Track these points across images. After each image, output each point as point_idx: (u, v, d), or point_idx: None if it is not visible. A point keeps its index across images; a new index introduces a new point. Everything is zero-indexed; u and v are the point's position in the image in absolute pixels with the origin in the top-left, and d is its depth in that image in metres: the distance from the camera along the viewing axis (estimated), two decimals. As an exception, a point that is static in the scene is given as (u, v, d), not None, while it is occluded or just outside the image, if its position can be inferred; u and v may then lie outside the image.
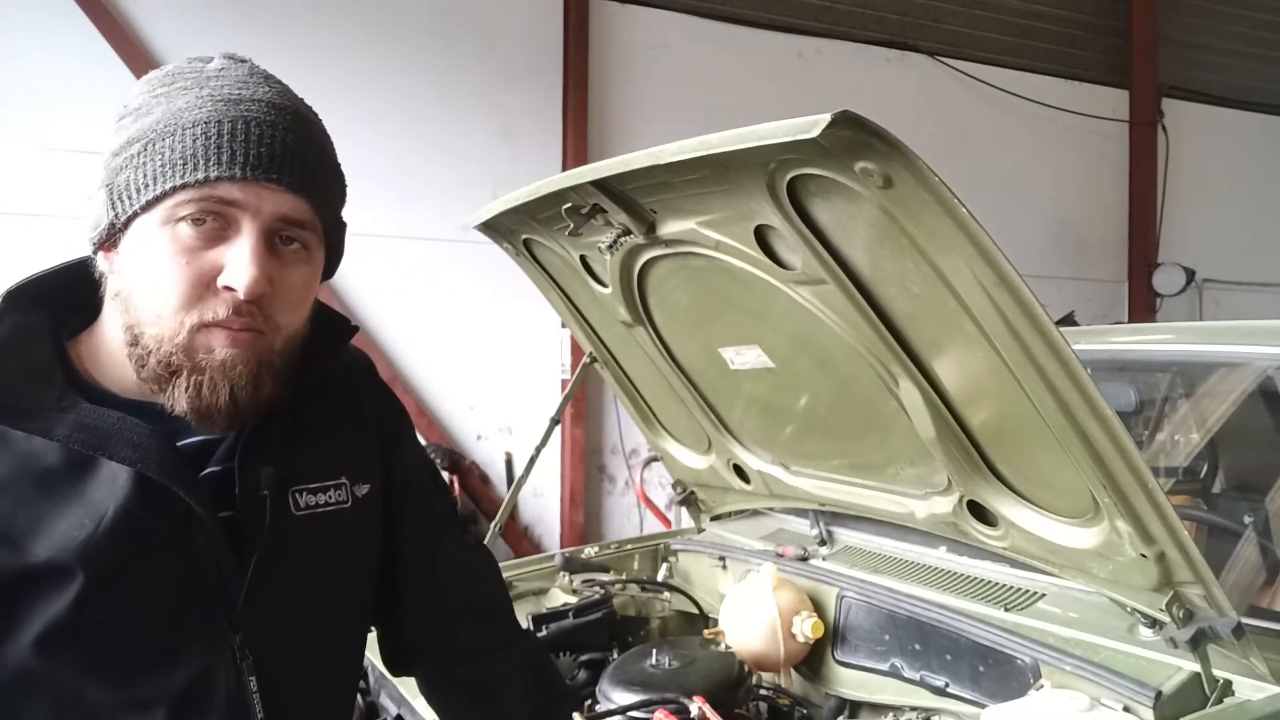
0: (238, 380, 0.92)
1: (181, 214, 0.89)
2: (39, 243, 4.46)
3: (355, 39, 5.45)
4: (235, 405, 0.92)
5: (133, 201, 0.90)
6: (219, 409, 0.92)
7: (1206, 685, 1.42)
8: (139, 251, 0.91)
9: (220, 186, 0.89)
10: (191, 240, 0.90)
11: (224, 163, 0.88)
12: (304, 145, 0.94)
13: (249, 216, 0.91)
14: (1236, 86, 8.33)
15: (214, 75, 0.94)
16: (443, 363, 5.70)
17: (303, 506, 1.03)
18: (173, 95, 0.92)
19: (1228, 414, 2.20)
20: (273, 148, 0.91)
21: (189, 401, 0.91)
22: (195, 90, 0.92)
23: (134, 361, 0.92)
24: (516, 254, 2.06)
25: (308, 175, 0.94)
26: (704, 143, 1.27)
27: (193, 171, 0.88)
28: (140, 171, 0.90)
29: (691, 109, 6.12)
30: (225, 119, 0.90)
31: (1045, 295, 1.77)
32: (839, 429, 1.88)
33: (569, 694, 1.92)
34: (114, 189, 0.92)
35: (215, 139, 0.89)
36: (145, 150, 0.90)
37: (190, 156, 0.88)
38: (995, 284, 1.24)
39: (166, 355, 0.90)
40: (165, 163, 0.89)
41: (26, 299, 0.98)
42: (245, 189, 0.90)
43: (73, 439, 0.89)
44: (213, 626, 0.96)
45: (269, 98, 0.93)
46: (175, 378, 0.91)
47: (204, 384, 0.91)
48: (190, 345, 0.90)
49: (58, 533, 0.88)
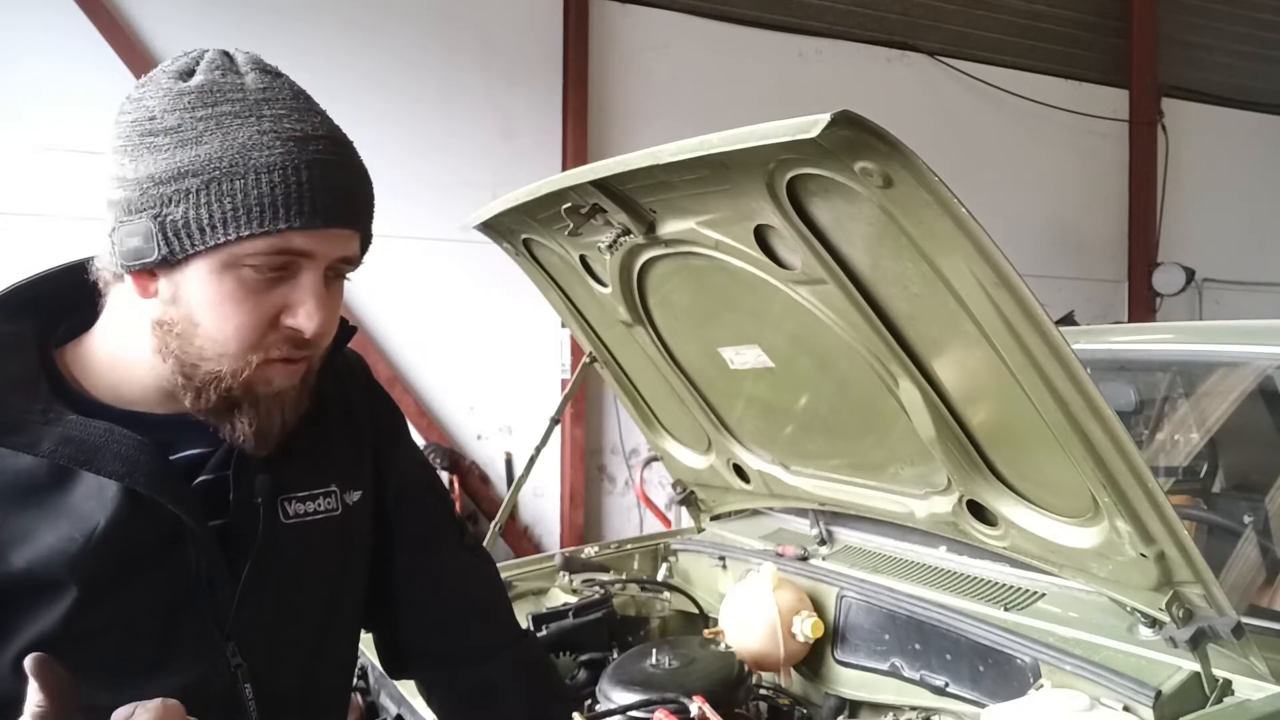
0: (289, 405, 0.97)
1: (250, 262, 0.88)
2: (39, 243, 4.47)
3: (355, 39, 5.45)
4: (285, 426, 0.97)
5: (195, 242, 0.87)
6: (274, 433, 0.96)
7: (1206, 685, 1.42)
8: (198, 291, 0.89)
9: (295, 238, 0.89)
10: (256, 284, 0.90)
11: (304, 213, 0.88)
12: (360, 183, 0.95)
13: (314, 261, 0.92)
14: (1236, 86, 8.34)
15: (262, 99, 0.89)
16: (442, 363, 5.70)
17: (291, 515, 1.03)
18: (224, 123, 0.87)
19: (1228, 414, 2.20)
20: (342, 194, 0.92)
21: (253, 432, 0.95)
22: (253, 122, 0.88)
23: (188, 392, 0.93)
24: (516, 254, 2.06)
25: (364, 214, 0.96)
26: (704, 143, 1.27)
27: (271, 221, 0.87)
28: (205, 211, 0.86)
29: (691, 109, 6.12)
30: (301, 164, 0.88)
31: (1045, 295, 1.77)
32: (839, 429, 1.88)
33: (569, 694, 1.92)
34: (167, 222, 0.87)
35: (295, 187, 0.87)
36: (208, 189, 0.86)
37: (268, 205, 0.86)
38: (995, 284, 1.24)
39: (226, 390, 0.92)
40: (237, 207, 0.86)
41: (10, 307, 0.96)
42: (315, 237, 0.90)
43: (58, 453, 0.88)
44: (205, 635, 0.96)
45: (327, 132, 0.92)
46: (235, 410, 0.94)
47: (261, 414, 0.95)
48: (251, 380, 0.92)
49: (48, 545, 0.87)
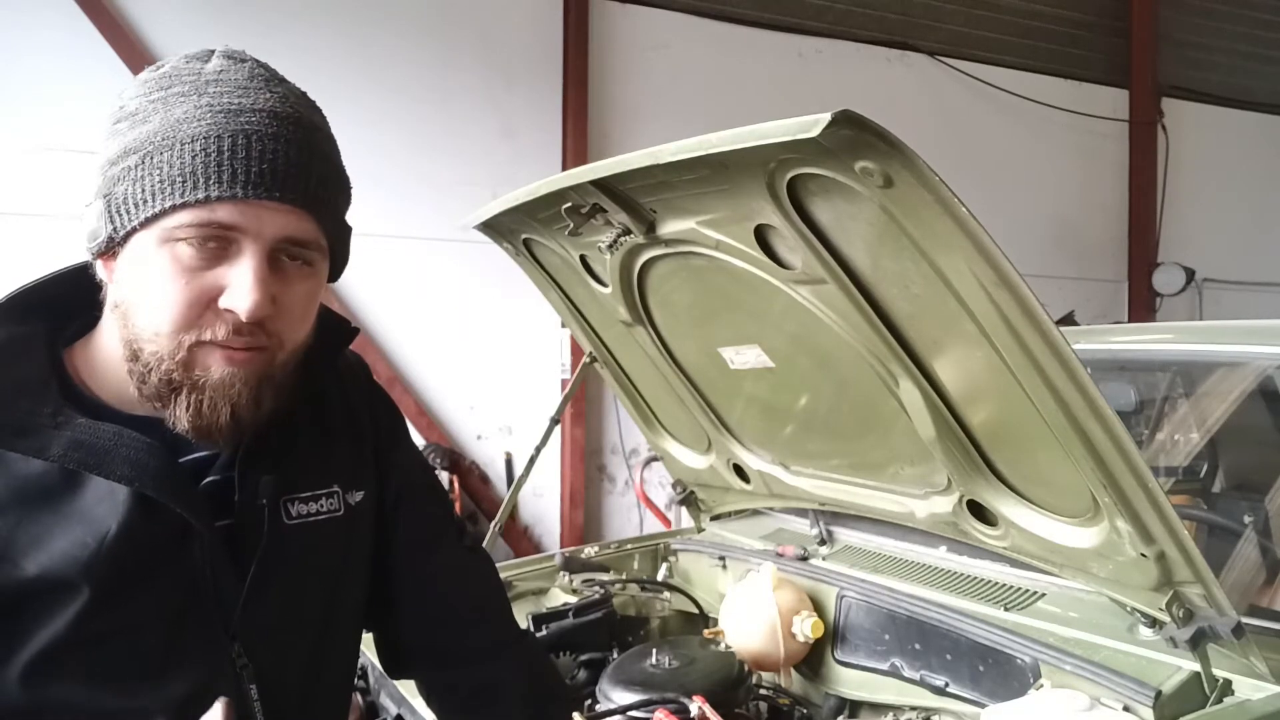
0: (237, 399, 0.91)
1: (180, 235, 0.87)
2: (39, 243, 4.47)
3: (355, 38, 5.45)
4: (237, 423, 0.92)
5: (130, 217, 0.87)
6: (220, 427, 0.91)
7: (1206, 685, 1.42)
8: (137, 267, 0.89)
9: (220, 209, 0.86)
10: (192, 260, 0.87)
11: (224, 181, 0.85)
12: (307, 157, 0.90)
13: (250, 238, 0.88)
14: (1236, 86, 8.33)
15: (213, 79, 0.89)
16: (442, 363, 5.70)
17: (294, 516, 1.02)
18: (170, 101, 0.88)
19: (1228, 414, 2.20)
20: (275, 164, 0.87)
21: (190, 420, 0.90)
22: (194, 98, 0.88)
23: (134, 377, 0.91)
24: (516, 254, 2.05)
25: (311, 191, 0.91)
26: (704, 142, 1.27)
27: (191, 191, 0.85)
28: (138, 185, 0.87)
29: (691, 109, 6.12)
30: (225, 133, 0.86)
31: (1045, 295, 1.77)
32: (839, 429, 1.88)
33: (569, 694, 1.92)
34: (112, 200, 0.89)
35: (214, 155, 0.85)
36: (143, 163, 0.87)
37: (189, 175, 0.85)
38: (995, 284, 1.24)
39: (166, 373, 0.89)
40: (163, 179, 0.86)
41: (19, 309, 0.96)
42: (245, 211, 0.87)
43: (68, 458, 0.88)
44: (211, 635, 0.96)
45: (270, 105, 0.89)
46: (175, 395, 0.90)
47: (204, 402, 0.90)
48: (189, 362, 0.89)
49: (60, 550, 0.87)
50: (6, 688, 0.88)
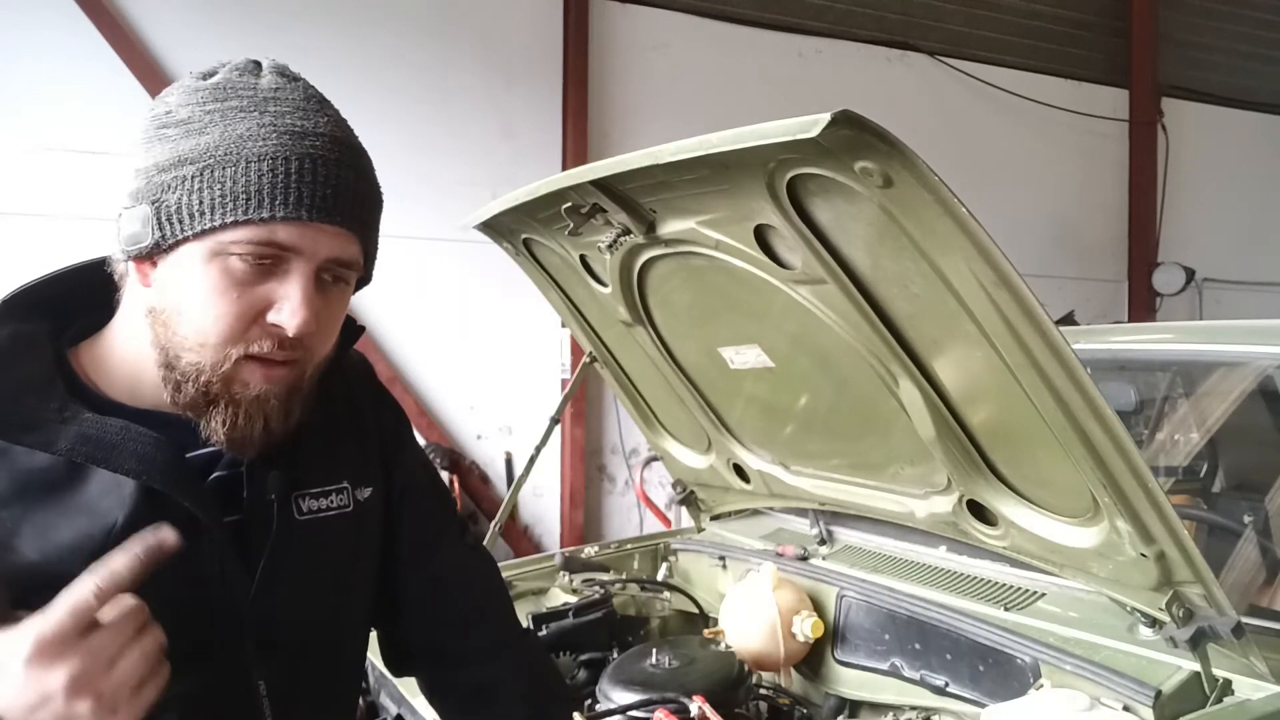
0: (272, 412, 0.93)
1: (236, 251, 0.88)
2: (39, 243, 4.48)
3: (355, 38, 5.45)
4: (268, 435, 0.94)
5: (184, 227, 0.88)
6: (253, 440, 0.93)
7: (1206, 685, 1.42)
8: (186, 278, 0.90)
9: (280, 230, 0.88)
10: (243, 275, 0.89)
11: (290, 203, 0.87)
12: (360, 183, 0.94)
13: (303, 259, 0.90)
14: (1236, 86, 8.33)
15: (271, 97, 0.91)
16: (443, 363, 5.70)
17: (305, 511, 1.03)
18: (229, 115, 0.89)
19: (1228, 414, 2.20)
20: (336, 189, 0.90)
21: (226, 433, 0.92)
22: (255, 115, 0.89)
23: (169, 385, 0.92)
24: (516, 254, 2.06)
25: (363, 215, 0.94)
26: (704, 142, 1.27)
27: (256, 209, 0.86)
28: (196, 197, 0.87)
29: (691, 109, 6.12)
30: (292, 156, 0.88)
31: (1045, 295, 1.77)
32: (839, 428, 1.88)
33: (569, 694, 1.92)
34: (162, 207, 0.88)
35: (282, 177, 0.87)
36: (202, 175, 0.87)
37: (254, 193, 0.87)
38: (995, 284, 1.24)
39: (205, 384, 0.91)
40: (225, 194, 0.87)
41: (23, 307, 0.96)
42: (304, 232, 0.89)
43: (75, 451, 0.88)
44: (220, 631, 0.96)
45: (329, 130, 0.92)
46: (212, 408, 0.92)
47: (239, 416, 0.92)
48: (230, 377, 0.91)
49: (66, 543, 0.87)
50: None
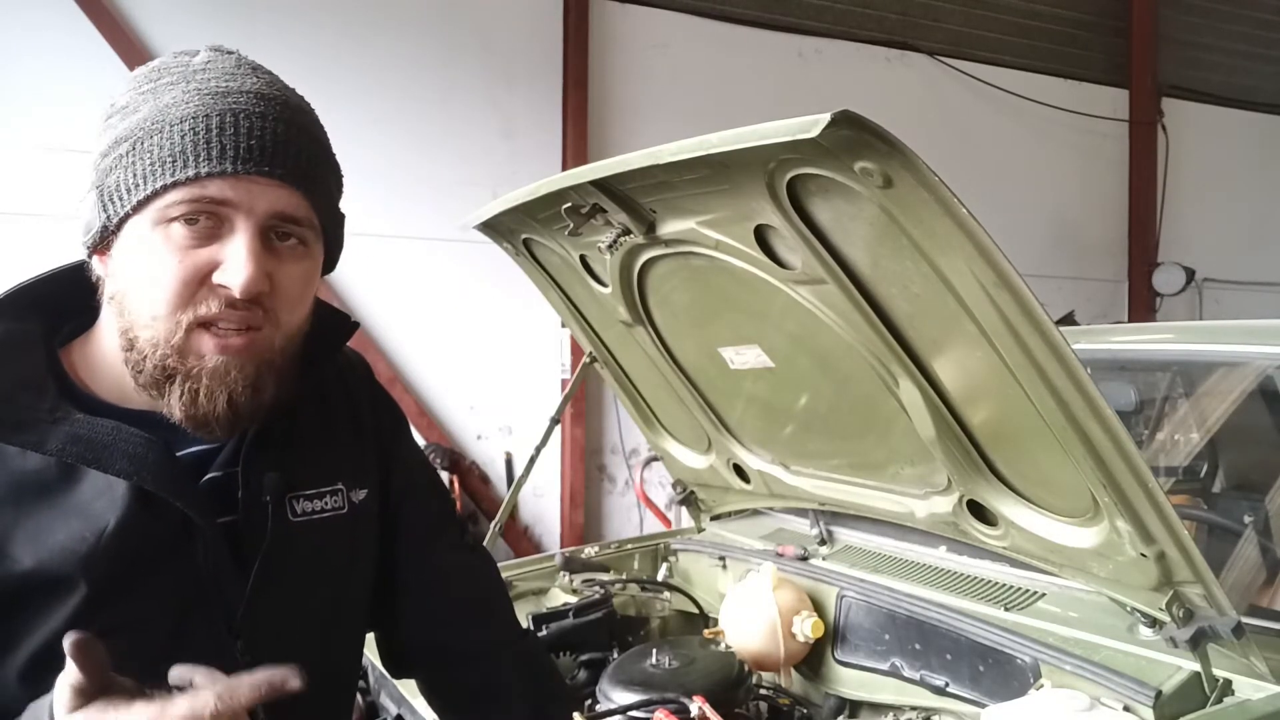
0: (234, 386, 0.90)
1: (173, 214, 0.87)
2: (39, 243, 4.47)
3: (355, 39, 5.45)
4: (234, 412, 0.90)
5: (123, 203, 0.88)
6: (216, 417, 0.90)
7: (1206, 685, 1.42)
8: (132, 253, 0.90)
9: (211, 185, 0.87)
10: (185, 239, 0.88)
11: (213, 158, 0.86)
12: (296, 135, 0.91)
13: (243, 214, 0.88)
14: (1236, 86, 8.33)
15: (200, 69, 0.91)
16: (442, 363, 5.70)
17: (299, 513, 1.02)
18: (159, 91, 0.90)
19: (1228, 414, 2.20)
20: (263, 139, 0.88)
21: (183, 409, 0.89)
22: (182, 85, 0.90)
23: (130, 368, 0.91)
24: (516, 254, 2.05)
25: (301, 167, 0.91)
26: (704, 142, 1.27)
27: (181, 169, 0.86)
28: (129, 171, 0.88)
29: (691, 109, 6.12)
30: (213, 112, 0.87)
31: (1045, 295, 1.77)
32: (839, 428, 1.88)
33: (569, 694, 1.92)
34: (104, 190, 0.90)
35: (203, 134, 0.86)
36: (134, 149, 0.88)
37: (179, 153, 0.86)
38: (995, 284, 1.24)
39: (161, 359, 0.89)
40: (154, 161, 0.87)
41: (17, 306, 0.96)
42: (237, 186, 0.87)
43: (66, 452, 0.87)
44: (214, 633, 0.95)
45: (257, 88, 0.91)
46: (170, 384, 0.89)
47: (200, 391, 0.89)
48: (184, 348, 0.89)
49: (59, 544, 0.87)
50: (6, 685, 0.88)
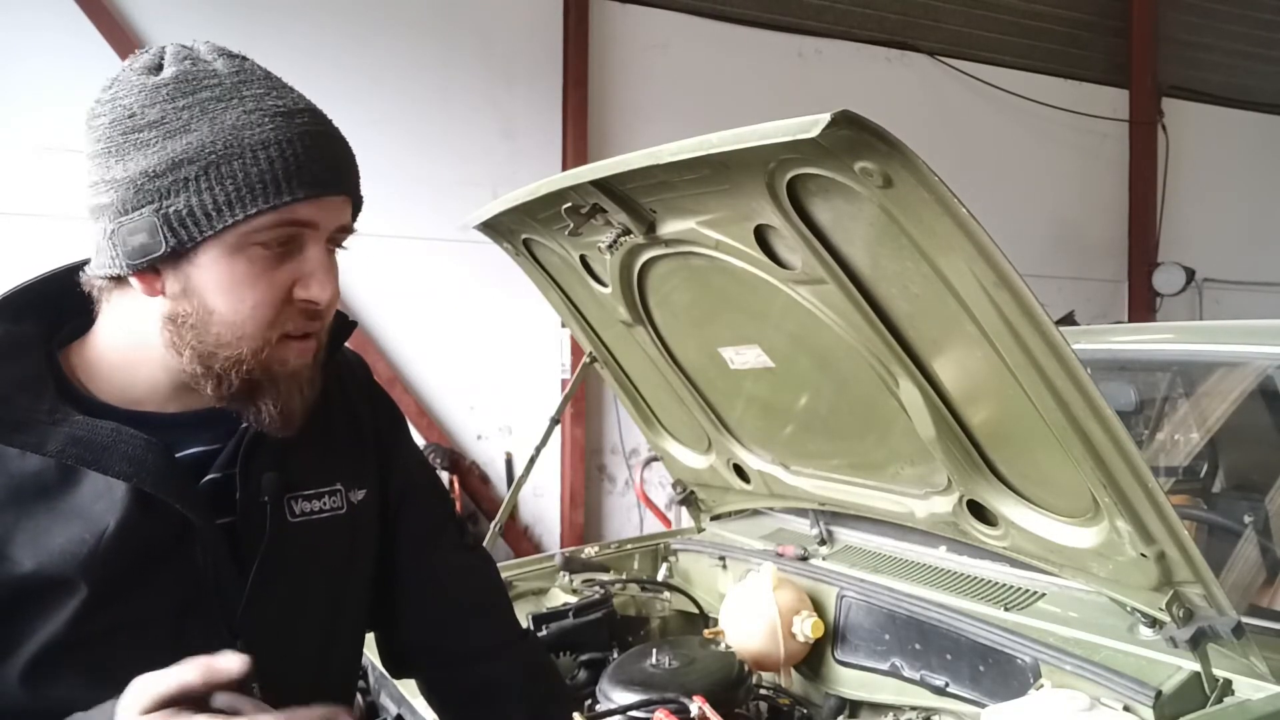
0: (306, 384, 0.97)
1: (260, 239, 0.89)
2: (39, 243, 4.47)
3: (355, 39, 5.45)
4: (305, 406, 0.98)
5: (202, 228, 0.87)
6: (295, 413, 0.97)
7: (1206, 685, 1.42)
8: (210, 278, 0.89)
9: (300, 209, 0.90)
10: (266, 261, 0.91)
11: (304, 183, 0.89)
12: (346, 150, 0.96)
13: (316, 232, 0.93)
14: (1236, 86, 8.33)
15: (237, 80, 0.90)
16: (442, 363, 5.70)
17: (298, 514, 1.03)
18: (208, 108, 0.87)
19: (1228, 414, 2.20)
20: (334, 159, 0.93)
21: (279, 413, 0.95)
22: (236, 103, 0.88)
23: (207, 383, 0.93)
24: (516, 254, 2.06)
25: (356, 180, 0.97)
26: (704, 142, 1.27)
27: (276, 195, 0.88)
28: (208, 196, 0.86)
29: (691, 109, 6.12)
30: (293, 137, 0.89)
31: (1045, 295, 1.77)
32: (839, 429, 1.88)
33: (569, 694, 1.92)
34: (170, 214, 0.87)
35: (291, 158, 0.88)
36: (208, 174, 0.86)
37: (271, 180, 0.87)
38: (995, 284, 1.24)
39: (248, 373, 0.92)
40: (240, 186, 0.87)
41: (14, 308, 0.96)
42: (316, 206, 0.91)
43: (65, 453, 0.88)
44: (213, 634, 0.95)
45: (308, 105, 0.94)
46: (257, 393, 0.94)
47: (283, 394, 0.95)
48: (269, 359, 0.93)
49: (58, 547, 0.87)
50: (7, 688, 0.88)
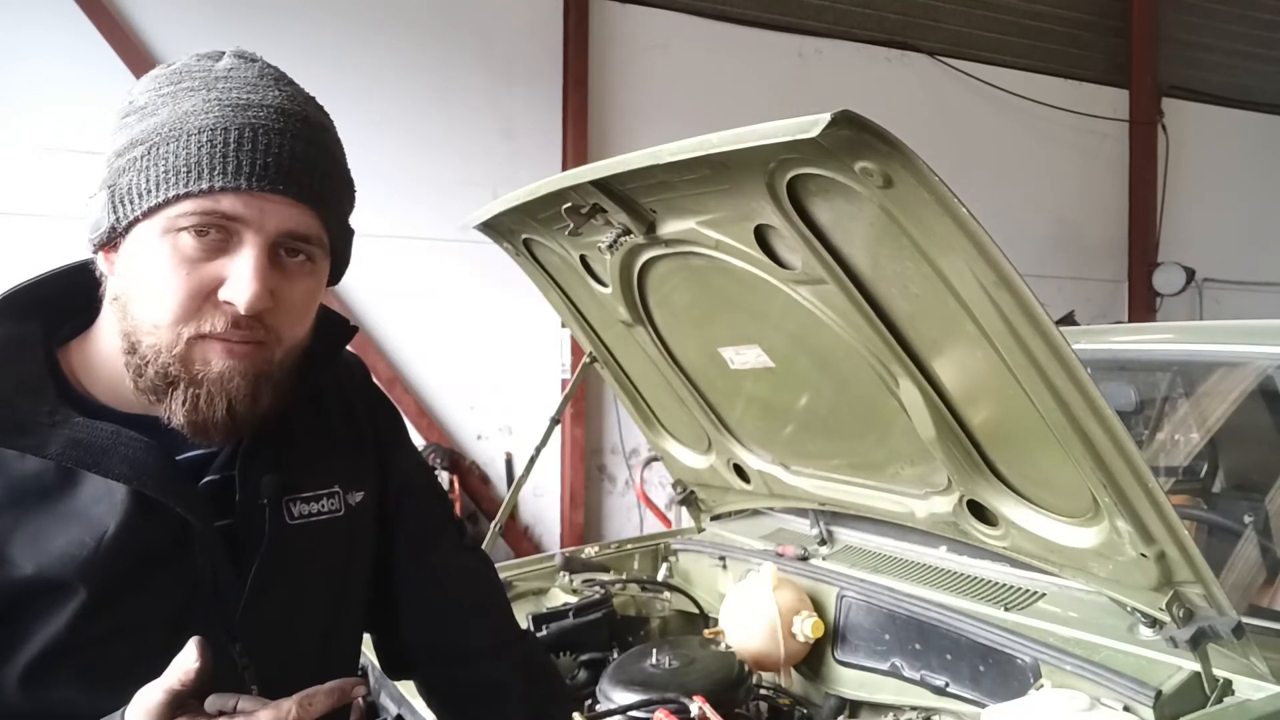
0: (235, 394, 0.90)
1: (183, 224, 0.87)
2: (39, 243, 4.47)
3: (356, 39, 5.45)
4: (233, 419, 0.91)
5: (134, 206, 0.88)
6: (216, 423, 0.90)
7: (1206, 685, 1.42)
8: (139, 258, 0.89)
9: (224, 199, 0.86)
10: (193, 251, 0.87)
11: (228, 172, 0.86)
12: (313, 154, 0.91)
13: (253, 231, 0.88)
14: (1236, 86, 8.34)
15: (223, 76, 0.90)
16: (442, 363, 5.70)
17: (296, 516, 1.02)
18: (179, 96, 0.89)
19: (1228, 414, 2.19)
20: (280, 158, 0.88)
21: (186, 415, 0.90)
22: (203, 92, 0.89)
23: (131, 370, 0.91)
24: (516, 254, 2.05)
25: (315, 187, 0.91)
26: (704, 142, 1.27)
27: (195, 180, 0.85)
28: (143, 175, 0.87)
29: (691, 109, 6.12)
30: (231, 125, 0.87)
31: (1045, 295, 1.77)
32: (839, 428, 1.88)
33: (569, 694, 1.92)
34: (116, 191, 0.89)
35: (220, 147, 0.86)
36: (149, 154, 0.87)
37: (194, 164, 0.85)
38: (995, 284, 1.24)
39: (164, 366, 0.89)
40: (168, 169, 0.86)
41: (16, 308, 0.96)
42: (249, 203, 0.87)
43: (66, 456, 0.87)
44: (212, 636, 0.94)
45: (278, 103, 0.90)
46: (172, 390, 0.89)
47: (201, 397, 0.89)
48: (187, 356, 0.89)
49: (58, 550, 0.87)
50: (6, 690, 0.88)
